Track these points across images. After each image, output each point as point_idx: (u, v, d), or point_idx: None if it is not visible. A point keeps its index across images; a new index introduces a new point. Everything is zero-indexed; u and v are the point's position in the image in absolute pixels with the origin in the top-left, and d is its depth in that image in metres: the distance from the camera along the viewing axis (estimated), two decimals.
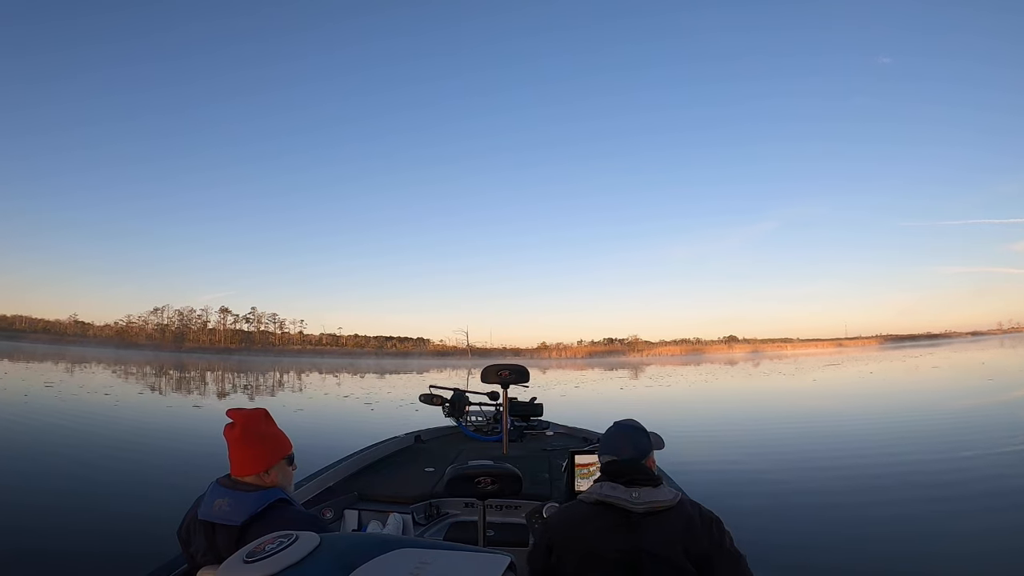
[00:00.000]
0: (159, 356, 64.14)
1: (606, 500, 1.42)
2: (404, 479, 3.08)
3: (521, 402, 4.46)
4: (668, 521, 1.40)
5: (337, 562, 0.85)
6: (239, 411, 1.51)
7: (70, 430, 9.52)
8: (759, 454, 7.87)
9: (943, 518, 4.77)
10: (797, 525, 4.80)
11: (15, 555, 3.93)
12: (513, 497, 2.20)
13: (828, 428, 10.11)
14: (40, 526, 4.57)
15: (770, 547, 3.98)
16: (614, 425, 1.65)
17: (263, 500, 1.40)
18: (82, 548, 4.09)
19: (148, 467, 6.88)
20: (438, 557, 0.89)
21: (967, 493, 5.49)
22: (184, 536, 1.50)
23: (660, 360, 74.58)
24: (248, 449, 1.46)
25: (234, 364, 52.51)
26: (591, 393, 20.29)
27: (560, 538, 1.46)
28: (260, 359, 70.85)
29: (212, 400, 17.04)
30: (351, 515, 2.59)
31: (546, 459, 3.53)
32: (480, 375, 3.80)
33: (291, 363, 59.58)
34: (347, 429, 10.50)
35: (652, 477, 1.47)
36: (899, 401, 14.36)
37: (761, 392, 20.12)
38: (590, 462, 2.12)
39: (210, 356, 74.05)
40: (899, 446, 7.94)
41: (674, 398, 18.21)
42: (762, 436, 9.49)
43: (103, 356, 53.29)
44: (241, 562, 0.85)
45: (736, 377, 29.58)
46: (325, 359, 76.16)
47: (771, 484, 6.20)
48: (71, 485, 5.92)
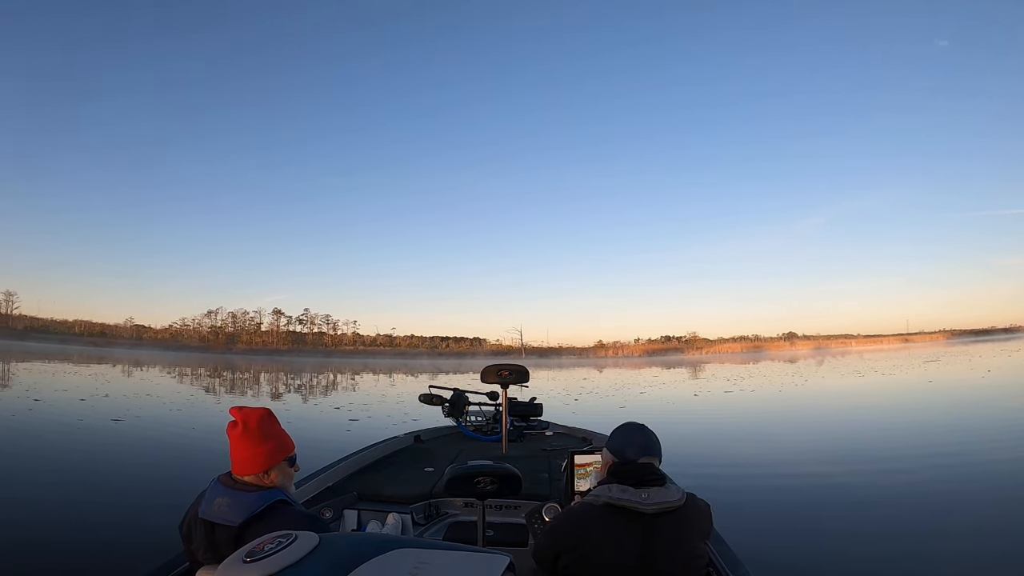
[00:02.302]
0: (208, 358, 64.50)
1: (616, 503, 1.40)
2: (403, 479, 3.07)
3: (521, 402, 4.46)
4: (679, 520, 1.40)
5: (336, 562, 0.85)
6: (242, 410, 1.50)
7: (92, 429, 9.63)
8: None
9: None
10: None
11: (65, 545, 4.03)
12: (512, 497, 2.20)
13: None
14: (71, 521, 4.66)
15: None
16: (638, 426, 1.62)
17: (262, 501, 1.40)
18: (115, 540, 4.18)
19: (167, 463, 6.95)
20: (437, 557, 0.90)
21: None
22: (185, 532, 1.50)
23: (721, 358, 71.95)
24: (249, 448, 1.45)
25: (276, 364, 52.26)
26: (662, 403, 15.61)
27: (571, 544, 1.43)
28: (307, 360, 70.54)
29: (237, 399, 17.18)
30: (350, 515, 2.58)
31: (546, 459, 3.53)
32: (480, 375, 3.80)
33: (340, 363, 59.03)
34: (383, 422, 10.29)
35: (659, 476, 1.47)
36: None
37: (888, 397, 15.60)
38: (590, 462, 2.12)
39: (259, 357, 74.03)
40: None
41: (779, 408, 14.29)
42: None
43: (149, 357, 53.68)
44: (240, 562, 0.85)
45: (828, 377, 25.06)
46: (376, 359, 75.90)
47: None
48: (96, 481, 6.03)
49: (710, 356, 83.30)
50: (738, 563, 1.83)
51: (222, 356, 72.40)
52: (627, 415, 9.37)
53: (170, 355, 65.71)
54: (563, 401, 15.42)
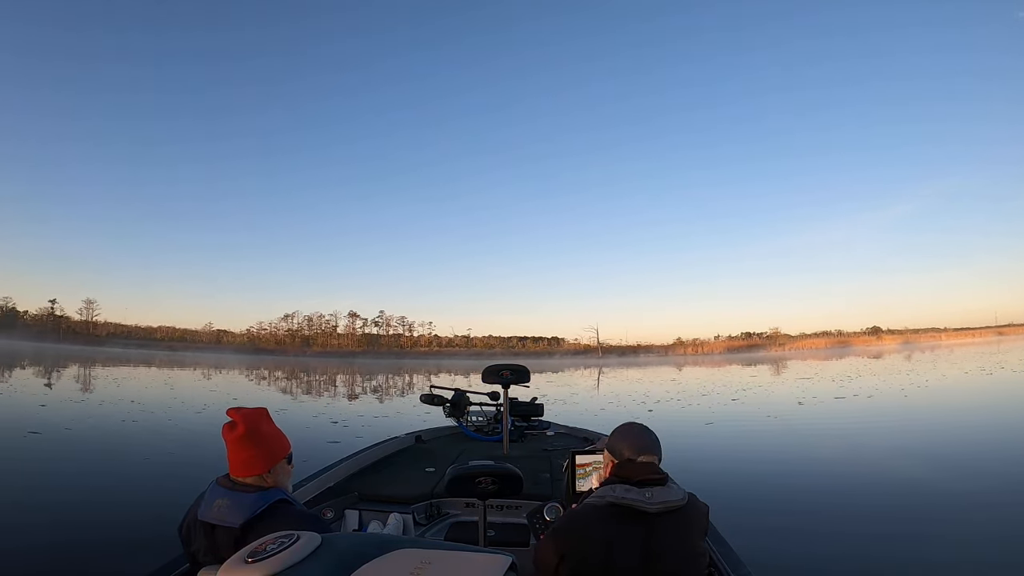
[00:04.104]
0: (279, 360, 64.52)
1: (620, 502, 1.40)
2: (405, 479, 3.08)
3: (522, 402, 4.46)
4: (682, 520, 1.41)
5: (338, 562, 0.85)
6: (239, 410, 1.48)
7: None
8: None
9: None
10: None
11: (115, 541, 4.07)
12: (514, 497, 2.20)
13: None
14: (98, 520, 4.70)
15: None
16: (639, 426, 1.61)
17: (263, 501, 1.39)
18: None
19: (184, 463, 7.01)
20: (439, 557, 0.90)
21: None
22: (185, 535, 1.50)
23: (805, 354, 68.88)
24: (251, 450, 1.45)
25: (344, 366, 51.85)
26: (761, 417, 11.88)
27: (574, 546, 1.42)
28: (379, 361, 69.97)
29: (302, 398, 17.28)
30: (352, 515, 2.58)
31: (547, 459, 3.53)
32: (481, 375, 3.80)
33: (412, 364, 58.49)
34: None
35: (661, 476, 1.47)
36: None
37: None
38: (591, 462, 2.12)
39: (332, 359, 73.52)
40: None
41: (921, 422, 10.69)
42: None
43: (215, 360, 54.23)
44: (242, 562, 0.85)
45: (949, 376, 21.30)
46: (451, 360, 74.71)
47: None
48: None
49: (794, 352, 79.10)
50: (740, 563, 1.84)
51: (294, 359, 72.12)
52: (719, 437, 8.98)
53: (238, 358, 66.34)
54: (632, 412, 12.62)
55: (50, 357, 41.41)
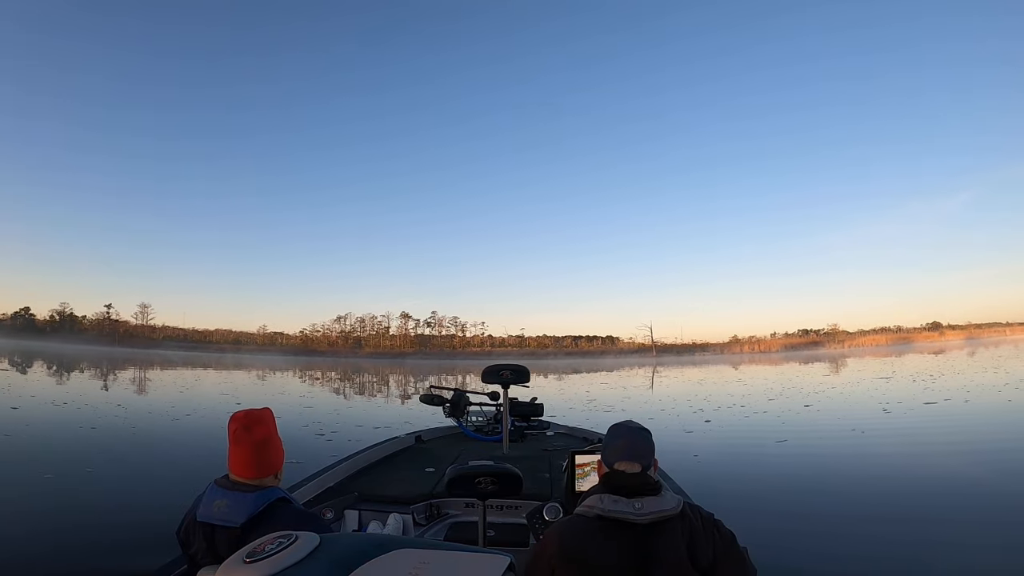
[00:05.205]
0: (329, 361, 64.27)
1: (607, 515, 1.35)
2: (404, 479, 3.08)
3: (521, 402, 4.46)
4: (674, 530, 1.35)
5: (337, 562, 0.85)
6: (244, 412, 1.49)
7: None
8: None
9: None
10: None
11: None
12: (513, 497, 2.20)
13: None
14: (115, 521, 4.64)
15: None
16: (624, 428, 1.54)
17: (263, 500, 1.40)
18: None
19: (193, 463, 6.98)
20: (438, 557, 0.90)
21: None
22: (183, 537, 1.50)
23: (866, 352, 65.73)
24: (253, 451, 1.45)
25: (393, 366, 51.29)
26: (846, 431, 9.23)
27: (564, 560, 1.38)
28: (429, 362, 68.75)
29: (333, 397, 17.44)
30: (351, 515, 2.58)
31: (547, 459, 3.53)
32: (480, 375, 3.80)
33: (463, 364, 57.03)
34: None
35: (654, 486, 1.41)
36: None
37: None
38: (591, 462, 2.12)
39: (383, 360, 73.09)
40: None
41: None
42: None
43: (265, 361, 54.50)
44: (241, 562, 0.85)
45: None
46: (503, 360, 71.99)
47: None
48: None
49: (854, 350, 75.19)
50: None
51: (345, 360, 71.41)
52: (796, 461, 6.45)
53: (286, 359, 65.92)
54: (686, 424, 10.46)
55: (105, 359, 41.56)
